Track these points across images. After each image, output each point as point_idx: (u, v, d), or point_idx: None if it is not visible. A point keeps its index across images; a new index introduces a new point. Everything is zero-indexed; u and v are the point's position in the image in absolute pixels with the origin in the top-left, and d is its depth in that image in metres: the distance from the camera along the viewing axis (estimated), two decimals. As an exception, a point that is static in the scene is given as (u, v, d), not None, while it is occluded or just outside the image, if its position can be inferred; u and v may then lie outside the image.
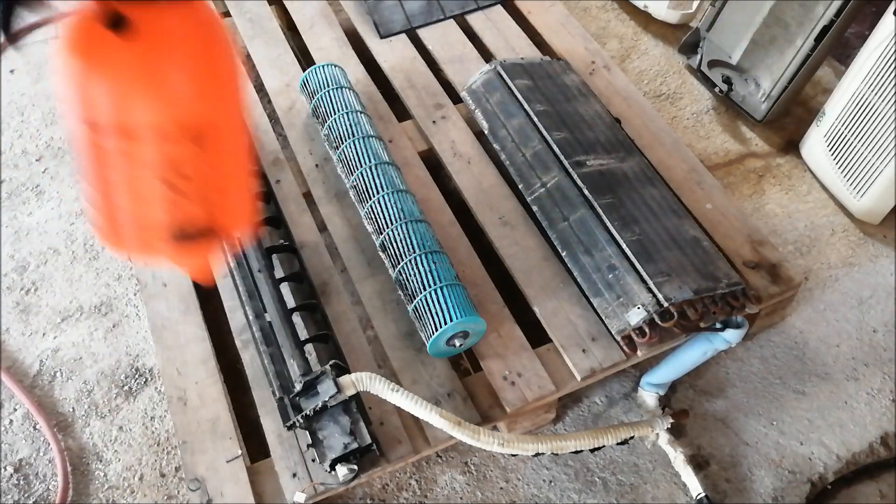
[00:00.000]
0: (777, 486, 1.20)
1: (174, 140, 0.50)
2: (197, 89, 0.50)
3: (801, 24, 1.50)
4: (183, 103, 0.50)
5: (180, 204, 0.54)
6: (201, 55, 0.51)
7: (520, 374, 1.15)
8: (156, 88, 0.49)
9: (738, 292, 1.17)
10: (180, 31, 0.49)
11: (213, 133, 0.52)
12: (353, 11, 1.69)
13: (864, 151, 1.43)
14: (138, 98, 0.48)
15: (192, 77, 0.50)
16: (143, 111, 0.49)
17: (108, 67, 0.48)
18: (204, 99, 0.51)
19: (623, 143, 1.39)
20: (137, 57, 0.48)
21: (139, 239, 0.56)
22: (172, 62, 0.49)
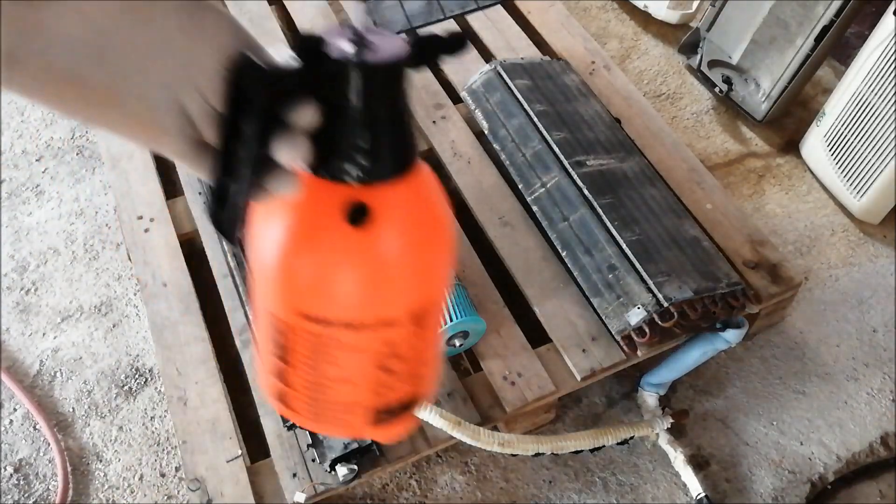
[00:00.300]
0: (777, 486, 1.20)
1: (400, 326, 0.46)
2: (428, 273, 0.46)
3: (801, 24, 1.50)
4: (416, 291, 0.46)
5: (392, 385, 0.49)
6: (432, 231, 0.46)
7: (520, 375, 1.15)
8: (393, 282, 0.44)
9: (738, 292, 1.17)
10: (411, 209, 0.44)
11: (433, 310, 0.48)
12: (353, 11, 1.69)
13: (864, 151, 1.43)
14: (373, 294, 0.44)
15: (425, 260, 0.46)
16: (378, 306, 0.45)
17: (342, 263, 0.43)
18: (433, 280, 0.47)
19: (623, 143, 1.39)
20: (374, 248, 0.43)
21: (339, 420, 0.51)
22: (407, 248, 0.44)
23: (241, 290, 1.22)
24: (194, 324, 1.22)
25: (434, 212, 0.46)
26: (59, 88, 0.35)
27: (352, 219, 0.42)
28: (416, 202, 0.45)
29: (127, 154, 1.43)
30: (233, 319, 1.22)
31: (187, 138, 0.39)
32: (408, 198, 0.44)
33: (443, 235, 0.47)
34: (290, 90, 0.38)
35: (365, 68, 0.39)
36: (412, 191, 0.44)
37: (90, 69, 0.34)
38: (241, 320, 1.21)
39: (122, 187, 1.39)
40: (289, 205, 0.42)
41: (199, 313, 1.24)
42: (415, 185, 0.44)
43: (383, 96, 0.41)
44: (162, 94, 0.36)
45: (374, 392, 0.49)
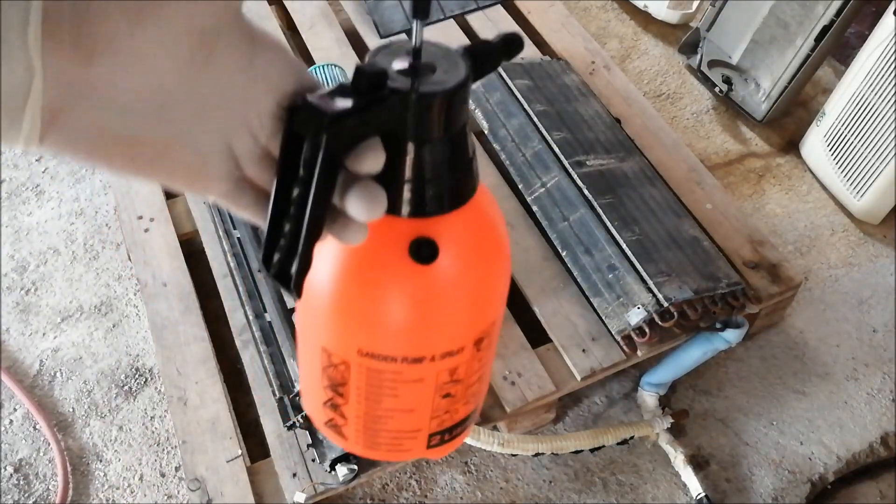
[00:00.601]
0: (777, 486, 1.20)
1: (464, 353, 0.44)
2: (492, 297, 0.44)
3: (801, 23, 1.50)
4: (481, 318, 0.44)
5: (452, 408, 0.48)
6: (494, 255, 0.44)
7: (520, 374, 1.15)
8: (459, 313, 0.43)
9: (738, 292, 1.17)
10: (474, 236, 0.43)
11: (493, 331, 0.46)
12: (353, 11, 1.69)
13: (864, 151, 1.43)
14: (441, 328, 0.43)
15: (489, 286, 0.44)
16: (444, 339, 0.43)
17: (409, 300, 0.41)
18: (496, 304, 0.45)
19: (623, 143, 1.39)
20: (441, 283, 0.41)
21: (396, 447, 0.49)
22: (472, 278, 0.43)
23: (240, 291, 1.22)
24: (194, 324, 1.22)
25: (495, 234, 0.44)
26: (108, 150, 0.30)
27: (419, 256, 0.40)
28: (478, 228, 0.43)
29: (127, 154, 1.43)
30: (233, 319, 1.22)
31: (234, 179, 0.36)
32: (471, 225, 0.42)
33: (503, 256, 0.45)
34: (351, 132, 0.35)
35: (428, 99, 0.37)
36: (474, 216, 0.42)
37: (147, 127, 0.31)
38: (241, 320, 1.21)
39: (121, 187, 1.39)
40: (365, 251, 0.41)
41: (199, 313, 1.24)
42: (476, 209, 0.43)
43: (447, 125, 0.38)
44: (215, 141, 0.34)
45: (435, 417, 0.48)
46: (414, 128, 0.37)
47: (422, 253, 0.40)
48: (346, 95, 0.35)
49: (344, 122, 0.34)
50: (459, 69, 0.38)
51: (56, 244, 1.50)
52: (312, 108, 0.34)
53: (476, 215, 0.43)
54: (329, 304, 0.42)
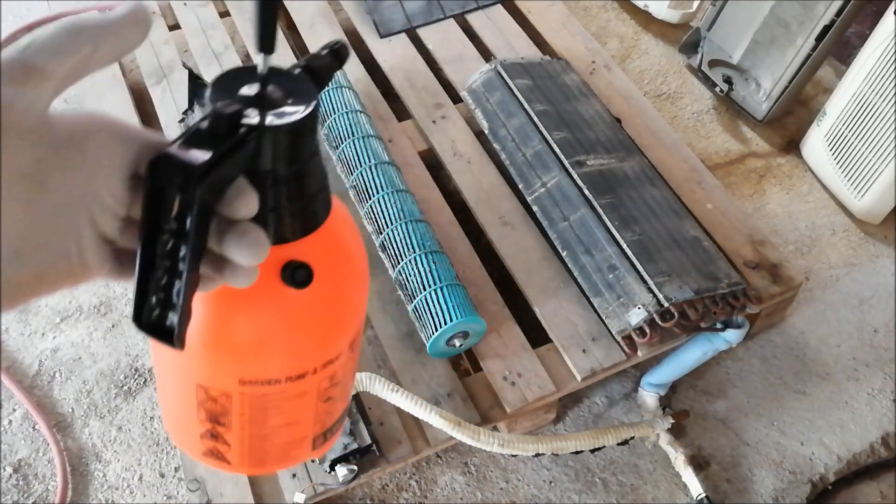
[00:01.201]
0: (778, 487, 1.20)
1: (341, 357, 0.45)
2: (360, 301, 0.45)
3: (801, 23, 1.50)
4: (354, 323, 0.45)
5: (333, 409, 0.49)
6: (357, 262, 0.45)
7: (520, 375, 1.15)
8: (335, 324, 0.44)
9: (738, 292, 1.17)
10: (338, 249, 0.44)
11: (361, 329, 0.48)
12: (352, 11, 1.68)
13: (865, 151, 1.43)
14: (320, 341, 0.43)
15: (357, 293, 0.45)
16: (324, 350, 0.44)
17: (288, 323, 0.42)
18: (363, 305, 0.46)
19: (623, 142, 1.38)
20: (316, 302, 0.42)
21: (283, 458, 0.50)
22: (343, 290, 0.44)
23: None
24: (194, 324, 1.22)
25: (354, 240, 0.45)
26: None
27: (294, 280, 0.40)
28: (339, 240, 0.44)
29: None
30: (232, 319, 1.22)
31: (112, 258, 0.36)
32: (332, 239, 0.43)
33: (361, 260, 0.46)
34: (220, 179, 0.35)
35: (279, 132, 0.37)
36: (334, 230, 0.43)
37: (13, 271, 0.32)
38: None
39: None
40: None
41: (199, 313, 1.23)
42: (334, 223, 0.43)
43: (302, 151, 0.39)
44: (82, 239, 0.34)
45: (318, 422, 0.49)
46: (272, 160, 0.37)
47: (297, 277, 0.40)
48: (204, 140, 0.34)
49: (214, 171, 0.34)
50: (307, 94, 0.39)
51: (55, 244, 1.50)
52: (177, 162, 0.33)
53: (334, 228, 0.43)
54: (205, 341, 0.41)
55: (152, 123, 1.54)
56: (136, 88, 1.60)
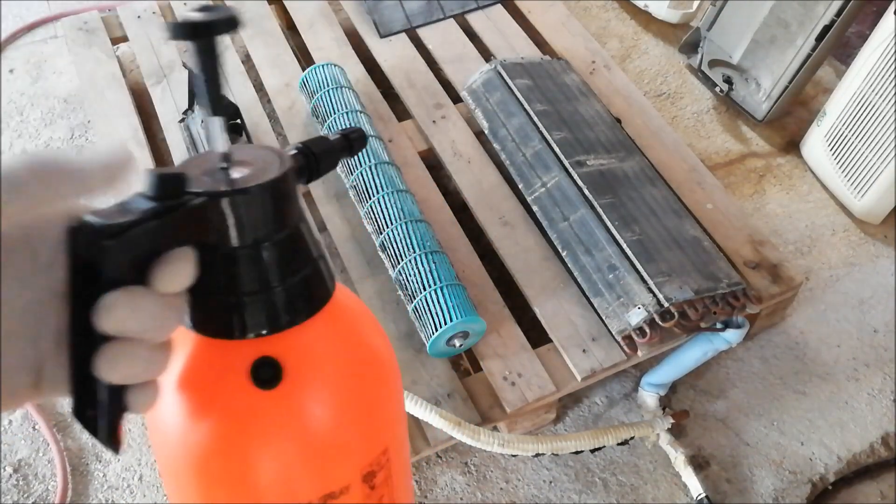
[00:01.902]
0: (778, 487, 1.20)
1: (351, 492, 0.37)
2: (371, 420, 0.38)
3: (801, 23, 1.50)
4: (360, 447, 0.37)
5: None
6: (363, 370, 0.38)
7: (520, 375, 1.15)
8: (327, 444, 0.35)
9: (738, 292, 1.17)
10: (333, 350, 0.36)
11: (389, 460, 0.39)
12: (352, 11, 1.68)
13: (865, 151, 1.43)
14: (307, 464, 0.36)
15: (362, 408, 0.37)
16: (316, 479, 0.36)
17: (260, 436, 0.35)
18: (379, 427, 0.38)
19: (623, 142, 1.38)
20: (293, 410, 0.35)
21: None
22: (336, 399, 0.36)
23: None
24: (194, 324, 1.22)
25: (363, 345, 0.38)
26: None
27: (258, 379, 0.34)
28: (333, 341, 0.36)
29: (126, 154, 1.43)
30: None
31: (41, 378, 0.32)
32: (322, 339, 0.36)
33: (378, 370, 0.38)
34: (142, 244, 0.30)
35: (240, 197, 0.32)
36: (327, 328, 0.36)
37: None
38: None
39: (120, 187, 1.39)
40: (184, 379, 0.34)
41: (199, 313, 1.23)
42: (330, 320, 0.36)
43: (271, 224, 0.33)
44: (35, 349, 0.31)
45: None
46: (221, 232, 0.32)
47: (260, 375, 0.34)
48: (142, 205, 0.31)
49: (130, 232, 0.29)
50: (276, 166, 0.34)
51: (55, 244, 1.50)
52: (89, 226, 0.29)
53: (332, 324, 0.36)
54: (174, 454, 0.36)
55: (152, 123, 1.54)
56: (137, 88, 1.60)
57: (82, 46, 1.62)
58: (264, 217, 0.33)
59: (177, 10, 1.68)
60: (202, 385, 0.34)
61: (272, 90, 1.54)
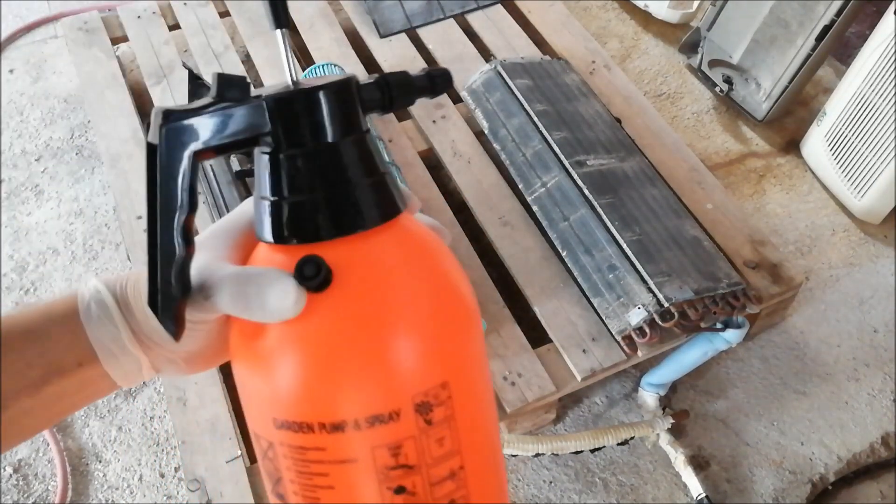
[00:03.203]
0: (778, 487, 1.20)
1: (402, 422, 0.34)
2: (430, 341, 0.35)
3: (801, 23, 1.50)
4: (413, 371, 0.35)
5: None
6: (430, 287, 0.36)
7: (520, 375, 1.15)
8: (369, 358, 0.34)
9: (738, 292, 1.17)
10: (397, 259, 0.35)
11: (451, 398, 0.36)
12: (352, 11, 1.68)
13: (865, 151, 1.43)
14: (350, 377, 0.34)
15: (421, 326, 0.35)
16: (360, 395, 0.34)
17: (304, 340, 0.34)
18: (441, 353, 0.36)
19: (623, 142, 1.38)
20: (341, 314, 0.34)
21: None
22: (392, 310, 0.34)
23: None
24: (194, 324, 1.22)
25: (432, 271, 0.36)
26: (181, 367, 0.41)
27: (302, 277, 0.33)
28: (401, 256, 0.36)
29: (126, 154, 1.43)
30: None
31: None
32: (389, 251, 0.35)
33: (445, 299, 0.36)
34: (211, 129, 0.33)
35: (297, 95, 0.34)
36: (396, 243, 0.36)
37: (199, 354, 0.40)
38: (240, 320, 1.20)
39: (121, 187, 1.39)
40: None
41: (199, 313, 1.23)
42: (401, 237, 0.36)
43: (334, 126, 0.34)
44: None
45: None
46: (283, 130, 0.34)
47: (306, 273, 0.33)
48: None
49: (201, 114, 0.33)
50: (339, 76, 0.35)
51: (55, 244, 1.50)
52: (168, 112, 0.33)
53: (401, 244, 0.36)
54: (235, 365, 0.37)
55: (152, 123, 1.54)
56: (137, 88, 1.60)
57: (82, 46, 1.62)
58: (327, 118, 0.34)
59: (177, 10, 1.68)
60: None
61: (272, 90, 1.53)
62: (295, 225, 0.35)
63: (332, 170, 0.35)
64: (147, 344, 0.38)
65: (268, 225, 0.35)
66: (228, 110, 0.34)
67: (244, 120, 0.34)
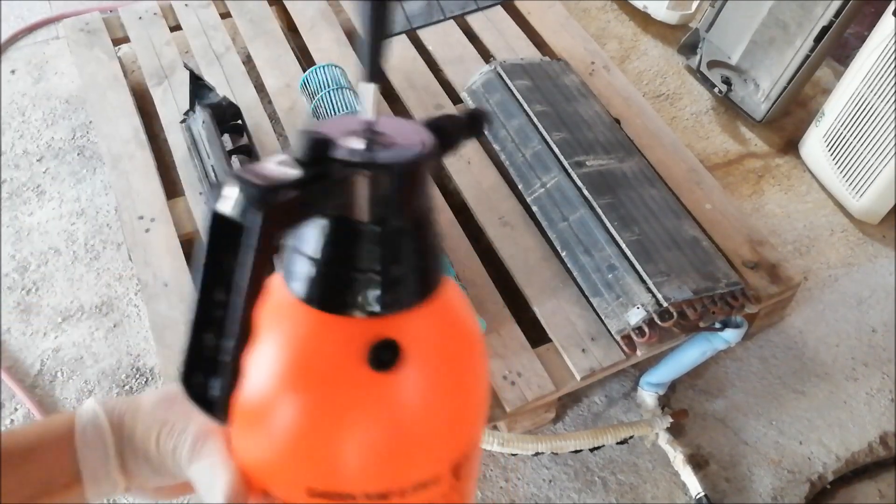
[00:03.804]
0: (776, 486, 1.21)
1: (439, 483, 0.36)
2: (468, 410, 0.37)
3: (800, 24, 1.50)
4: (457, 436, 0.36)
5: None
6: (466, 359, 0.37)
7: (519, 374, 1.16)
8: (430, 432, 0.35)
9: (737, 292, 1.18)
10: (441, 337, 0.35)
11: (473, 453, 0.39)
12: (353, 12, 1.69)
13: (863, 152, 1.43)
14: (409, 451, 0.35)
15: (463, 397, 0.36)
16: (414, 465, 0.35)
17: (369, 418, 0.34)
18: (474, 418, 0.38)
19: (622, 143, 1.39)
20: (405, 395, 0.34)
21: None
22: (443, 387, 0.35)
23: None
24: (195, 324, 1.22)
25: (466, 334, 0.37)
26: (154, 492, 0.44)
27: (378, 361, 0.33)
28: (445, 327, 0.36)
29: (128, 154, 1.44)
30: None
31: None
32: (435, 324, 0.35)
33: (479, 357, 0.37)
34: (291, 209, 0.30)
35: (380, 172, 0.31)
36: (439, 314, 0.35)
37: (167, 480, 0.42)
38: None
39: (122, 187, 1.39)
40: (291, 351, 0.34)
41: (200, 313, 1.23)
42: (441, 305, 0.35)
43: (403, 205, 0.33)
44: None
45: None
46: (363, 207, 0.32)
47: (381, 357, 0.33)
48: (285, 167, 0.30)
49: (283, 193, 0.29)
50: (420, 145, 0.33)
51: (57, 244, 1.51)
52: (244, 181, 0.29)
53: (440, 312, 0.35)
54: (268, 430, 0.35)
55: (153, 124, 1.55)
56: (138, 89, 1.61)
57: (84, 47, 1.63)
58: (398, 195, 0.33)
59: (178, 10, 1.68)
60: (313, 359, 0.34)
61: (273, 91, 1.54)
62: (358, 296, 0.33)
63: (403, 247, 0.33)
64: (131, 472, 0.40)
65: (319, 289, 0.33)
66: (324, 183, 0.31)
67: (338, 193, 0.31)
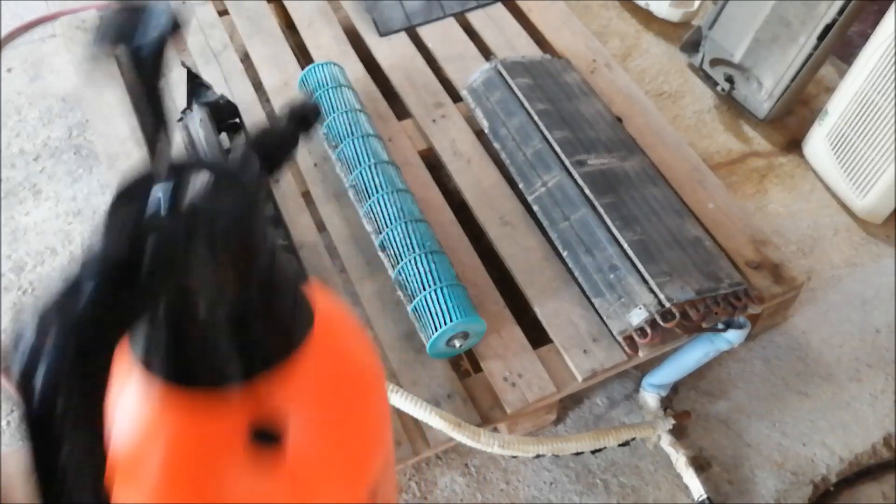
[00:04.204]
0: (779, 488, 1.20)
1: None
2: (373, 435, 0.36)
3: (803, 22, 1.49)
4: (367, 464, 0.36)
5: None
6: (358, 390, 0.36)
7: (520, 375, 1.14)
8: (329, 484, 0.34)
9: (740, 292, 1.17)
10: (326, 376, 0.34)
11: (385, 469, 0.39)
12: (352, 9, 1.68)
13: (867, 150, 1.42)
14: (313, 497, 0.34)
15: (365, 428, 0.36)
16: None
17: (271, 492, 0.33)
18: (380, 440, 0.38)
19: (624, 142, 1.38)
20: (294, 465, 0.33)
21: None
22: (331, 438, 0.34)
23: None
24: (192, 324, 1.21)
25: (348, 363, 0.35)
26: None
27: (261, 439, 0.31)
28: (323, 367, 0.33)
29: (124, 153, 1.42)
30: (231, 320, 1.21)
31: None
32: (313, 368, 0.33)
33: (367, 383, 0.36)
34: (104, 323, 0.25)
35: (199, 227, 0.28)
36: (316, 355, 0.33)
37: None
38: (239, 321, 1.20)
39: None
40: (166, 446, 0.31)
41: (197, 314, 1.22)
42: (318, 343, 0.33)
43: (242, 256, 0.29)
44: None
45: None
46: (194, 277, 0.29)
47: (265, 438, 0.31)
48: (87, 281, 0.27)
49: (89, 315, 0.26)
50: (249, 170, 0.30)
51: (53, 244, 1.49)
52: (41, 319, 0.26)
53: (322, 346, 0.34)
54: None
55: (151, 123, 1.53)
56: (135, 87, 1.59)
57: (80, 45, 1.61)
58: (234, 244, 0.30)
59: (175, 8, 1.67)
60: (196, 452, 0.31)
61: (271, 89, 1.53)
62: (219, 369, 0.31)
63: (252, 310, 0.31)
64: None
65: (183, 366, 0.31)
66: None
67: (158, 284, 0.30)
